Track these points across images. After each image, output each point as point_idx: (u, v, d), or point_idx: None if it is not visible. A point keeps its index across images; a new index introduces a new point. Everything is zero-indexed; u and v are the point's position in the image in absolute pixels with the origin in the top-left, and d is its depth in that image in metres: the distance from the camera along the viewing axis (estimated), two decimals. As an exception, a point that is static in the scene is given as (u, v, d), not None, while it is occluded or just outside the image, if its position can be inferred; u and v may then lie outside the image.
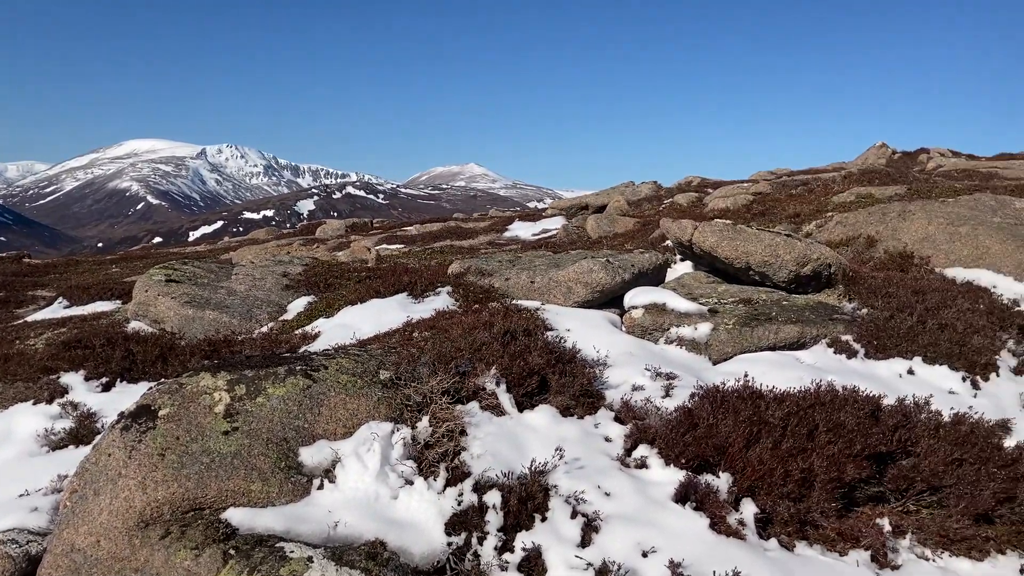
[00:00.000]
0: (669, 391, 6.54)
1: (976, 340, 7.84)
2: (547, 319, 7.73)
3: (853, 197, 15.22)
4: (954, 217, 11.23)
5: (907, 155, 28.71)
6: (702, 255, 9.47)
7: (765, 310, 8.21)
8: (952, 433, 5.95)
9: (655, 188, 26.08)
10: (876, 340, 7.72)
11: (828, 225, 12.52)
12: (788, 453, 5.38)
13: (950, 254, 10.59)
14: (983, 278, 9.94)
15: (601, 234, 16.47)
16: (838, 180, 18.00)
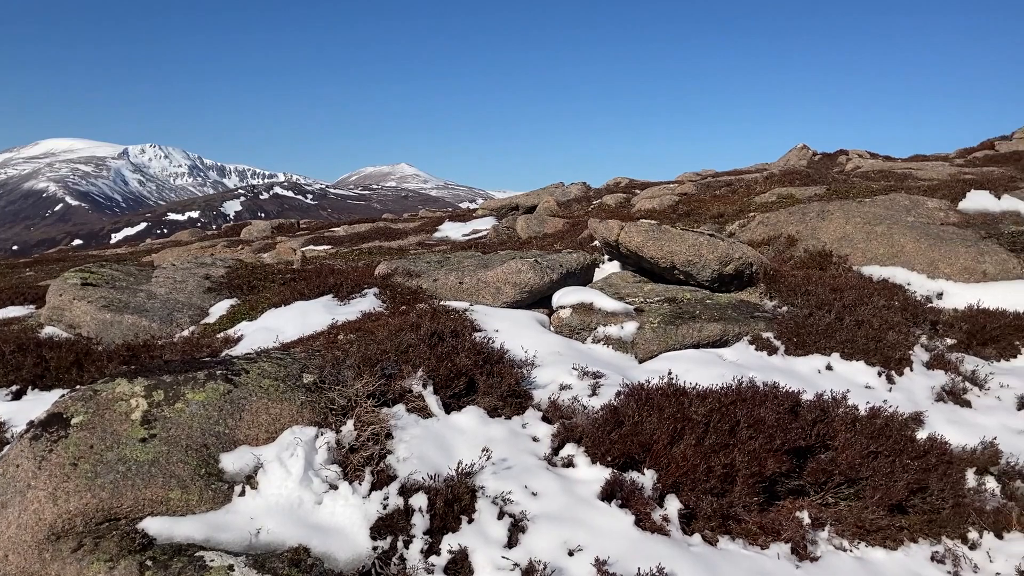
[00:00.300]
0: (596, 390, 6.58)
1: (891, 336, 8.09)
2: (476, 320, 7.72)
3: (775, 197, 15.59)
4: (870, 217, 11.58)
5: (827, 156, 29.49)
6: (629, 255, 9.57)
7: (689, 309, 8.34)
8: (868, 427, 6.13)
9: (584, 189, 26.30)
10: (796, 337, 7.91)
11: (750, 225, 12.79)
12: (711, 449, 5.47)
13: (867, 252, 10.92)
14: (898, 275, 10.27)
15: (531, 234, 16.54)
16: (760, 181, 18.41)
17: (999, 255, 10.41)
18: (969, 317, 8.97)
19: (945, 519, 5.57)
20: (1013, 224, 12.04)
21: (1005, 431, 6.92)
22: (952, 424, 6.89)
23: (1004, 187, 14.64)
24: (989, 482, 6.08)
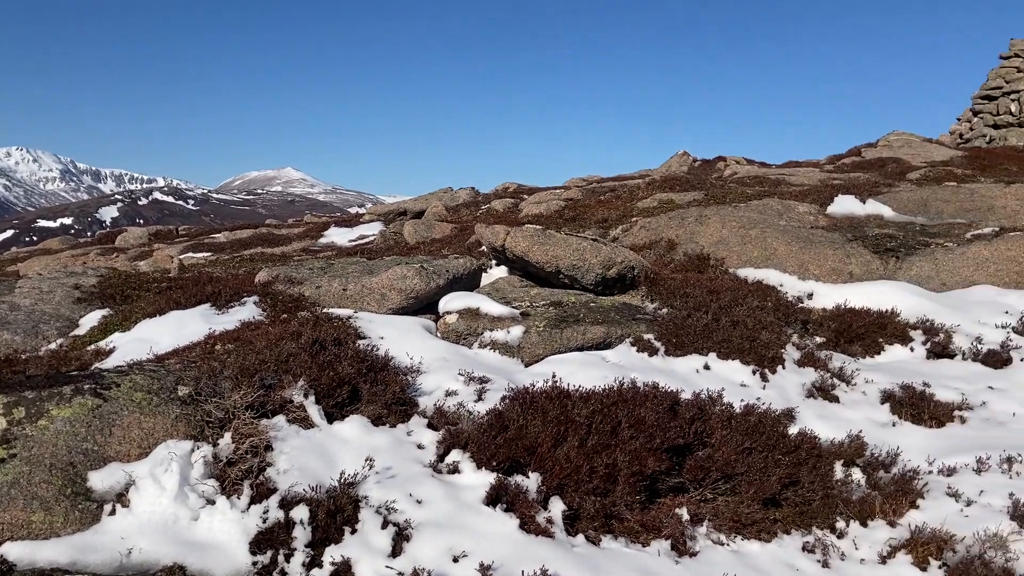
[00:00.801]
0: (482, 395, 6.60)
1: (765, 335, 8.42)
2: (360, 327, 7.62)
3: (656, 203, 16.02)
4: (745, 221, 12.03)
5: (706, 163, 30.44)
6: (515, 260, 9.65)
7: (574, 312, 8.46)
8: (743, 423, 6.35)
9: (473, 194, 26.38)
10: (675, 338, 8.13)
11: (633, 229, 13.10)
12: (594, 450, 5.57)
13: (742, 255, 11.34)
14: (771, 277, 10.69)
15: (419, 240, 16.47)
16: (643, 187, 18.90)
17: (864, 257, 10.99)
18: (837, 316, 9.42)
19: (815, 510, 5.82)
20: (876, 227, 12.72)
21: (870, 424, 7.30)
22: (822, 419, 7.22)
23: (868, 192, 15.46)
24: (855, 473, 6.39)
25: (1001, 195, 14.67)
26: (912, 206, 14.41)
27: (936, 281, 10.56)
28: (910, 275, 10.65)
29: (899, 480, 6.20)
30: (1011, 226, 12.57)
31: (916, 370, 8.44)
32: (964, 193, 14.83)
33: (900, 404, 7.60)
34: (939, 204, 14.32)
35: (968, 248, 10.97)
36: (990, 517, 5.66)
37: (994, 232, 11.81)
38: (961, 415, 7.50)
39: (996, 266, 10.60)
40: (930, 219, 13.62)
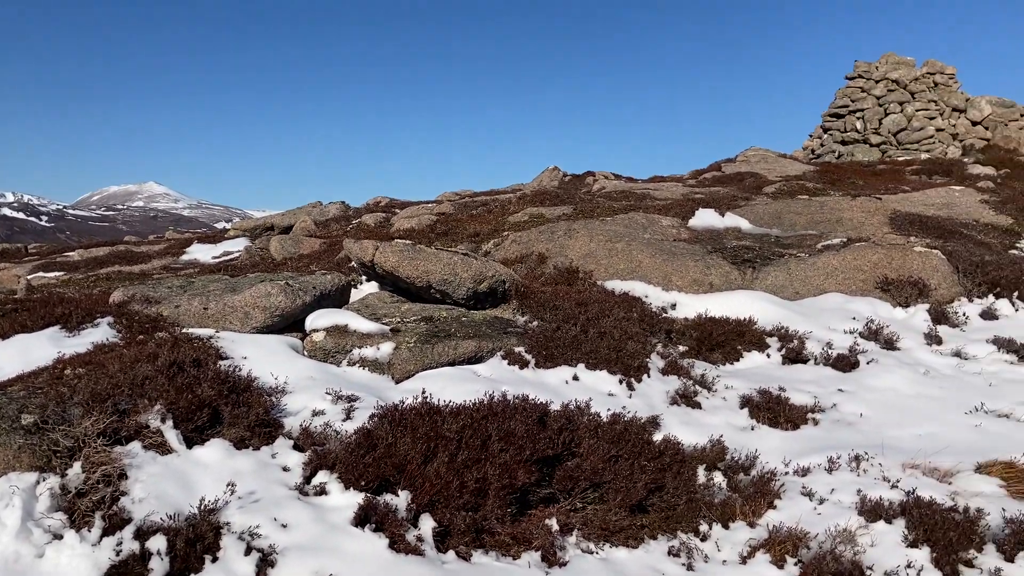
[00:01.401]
0: (350, 414, 6.49)
1: (631, 345, 8.63)
2: (222, 347, 7.37)
3: (527, 217, 16.23)
4: (612, 235, 12.34)
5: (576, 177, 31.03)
6: (385, 275, 9.56)
7: (445, 327, 8.45)
8: (610, 432, 6.48)
9: (343, 208, 26.00)
10: (545, 350, 8.23)
11: (504, 244, 13.22)
12: (464, 465, 5.56)
13: (609, 268, 11.61)
14: (637, 288, 10.99)
15: (286, 255, 16.09)
16: (514, 201, 19.11)
17: (723, 267, 11.45)
18: (699, 325, 9.77)
19: (680, 515, 5.99)
20: (735, 239, 13.28)
21: (730, 428, 7.58)
22: (685, 425, 7.46)
23: (727, 206, 16.14)
24: (717, 477, 6.62)
25: (848, 208, 15.60)
26: (767, 219, 15.14)
27: (790, 290, 11.10)
28: (766, 284, 11.17)
29: (758, 482, 6.46)
30: (857, 237, 13.37)
31: (773, 375, 8.83)
32: (815, 206, 15.70)
33: (758, 408, 7.93)
34: (792, 217, 15.11)
35: (818, 258, 11.60)
36: (840, 513, 5.97)
37: (842, 243, 12.52)
38: (814, 417, 7.89)
39: (844, 275, 11.24)
40: (784, 231, 14.33)
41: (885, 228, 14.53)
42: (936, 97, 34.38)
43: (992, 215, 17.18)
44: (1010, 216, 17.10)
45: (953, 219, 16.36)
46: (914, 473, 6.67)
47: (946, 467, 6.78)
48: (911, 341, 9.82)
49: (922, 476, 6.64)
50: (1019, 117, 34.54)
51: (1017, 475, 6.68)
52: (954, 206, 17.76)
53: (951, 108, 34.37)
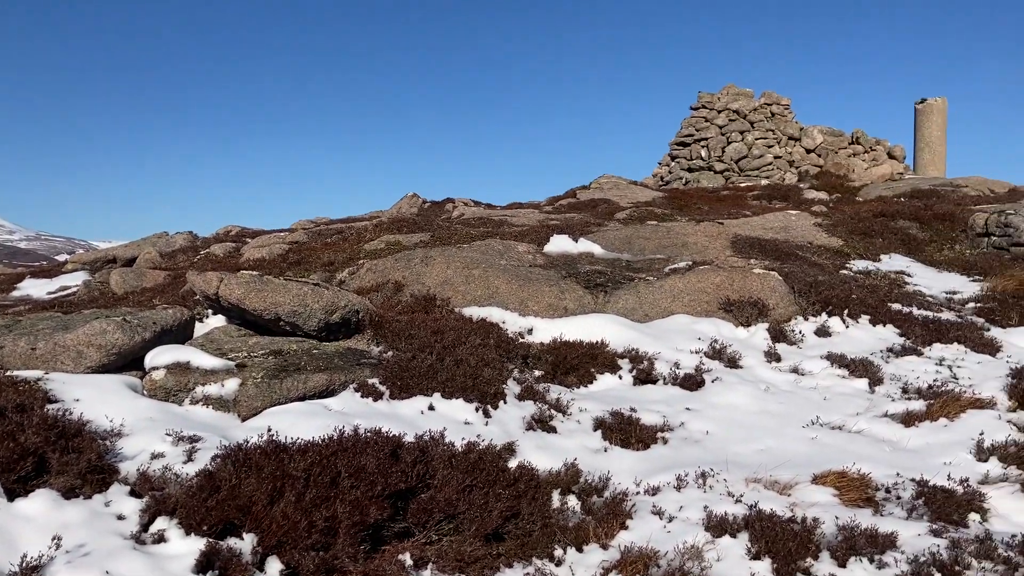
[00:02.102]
0: (192, 455, 6.19)
1: (487, 372, 8.64)
2: (51, 390, 6.89)
3: (384, 244, 16.08)
4: (469, 261, 12.38)
5: (436, 204, 31.07)
6: (231, 308, 9.21)
7: (295, 360, 8.21)
8: (464, 461, 6.44)
9: (191, 239, 25.00)
10: (400, 381, 8.13)
11: (360, 272, 13.03)
12: (312, 504, 5.38)
13: (466, 295, 11.63)
14: (494, 314, 11.04)
15: (128, 289, 15.31)
16: (370, 228, 18.91)
17: (577, 292, 11.68)
18: (554, 349, 9.89)
19: (535, 541, 6.00)
20: (588, 264, 13.58)
21: (584, 451, 7.69)
22: (540, 450, 7.50)
23: (580, 231, 16.51)
24: (571, 500, 6.68)
25: (693, 232, 16.27)
26: (619, 244, 15.58)
27: (640, 312, 11.43)
28: (617, 308, 11.45)
29: (610, 503, 6.56)
30: (702, 260, 13.93)
31: (625, 396, 9.03)
32: (662, 231, 16.28)
33: (611, 430, 8.08)
34: (641, 241, 15.61)
35: (666, 281, 12.00)
36: (689, 530, 6.14)
37: (688, 266, 13.02)
38: (664, 436, 8.10)
39: (689, 296, 11.67)
40: (634, 255, 14.78)
41: (728, 251, 15.22)
42: (773, 126, 36.48)
43: (825, 237, 18.29)
44: (840, 238, 18.26)
45: (790, 242, 17.32)
46: (756, 487, 6.95)
47: (785, 480, 7.10)
48: (752, 359, 10.27)
49: (764, 490, 6.92)
50: (847, 145, 37.10)
51: (849, 484, 7.06)
52: (791, 229, 18.81)
53: (787, 137, 36.54)
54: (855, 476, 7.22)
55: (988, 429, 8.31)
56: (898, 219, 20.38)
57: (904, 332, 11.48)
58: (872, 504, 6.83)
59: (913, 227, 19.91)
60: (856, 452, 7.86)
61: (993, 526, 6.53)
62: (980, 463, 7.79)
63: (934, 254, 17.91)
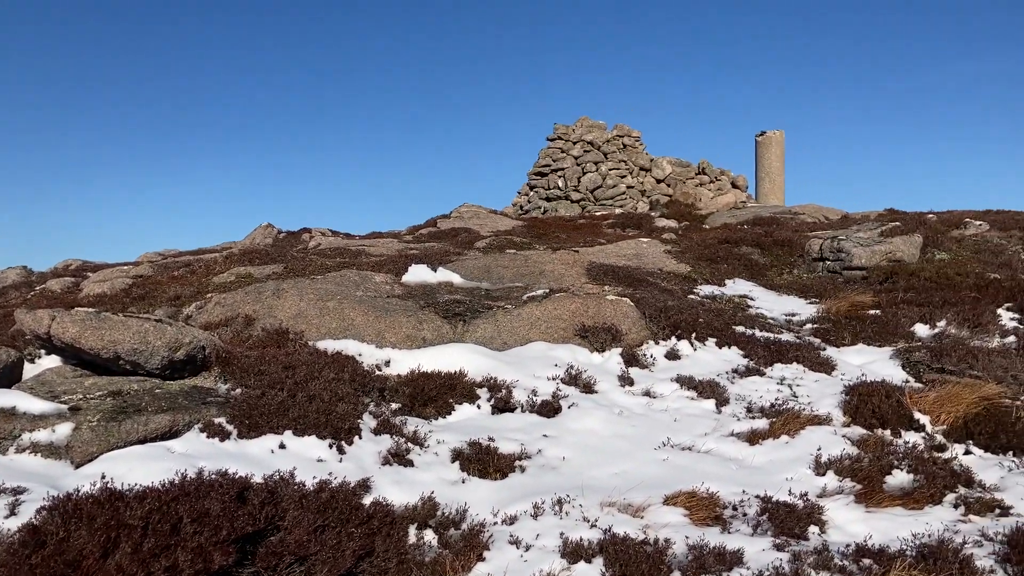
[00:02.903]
0: (16, 508, 5.75)
1: (341, 407, 8.44)
2: None
3: (233, 277, 15.55)
4: (323, 293, 12.12)
5: (292, 235, 30.43)
6: (65, 347, 8.66)
7: (136, 401, 7.78)
8: (316, 501, 6.24)
9: (25, 274, 23.42)
10: (248, 419, 7.83)
11: (208, 306, 12.53)
12: (151, 553, 5.08)
13: (321, 327, 11.37)
14: (350, 347, 10.82)
15: (-49, 330, 14.12)
16: (220, 260, 18.26)
17: (435, 322, 11.63)
18: (411, 381, 9.78)
19: (391, 578, 5.87)
20: (447, 293, 13.56)
21: (442, 484, 7.61)
22: (396, 485, 7.37)
23: (439, 260, 16.51)
24: (428, 534, 6.58)
25: (550, 260, 16.55)
26: (478, 272, 15.66)
27: (499, 341, 11.48)
28: (476, 337, 11.47)
29: (468, 535, 6.51)
30: (558, 287, 14.17)
31: (483, 425, 9.01)
32: (520, 259, 16.48)
33: (469, 461, 8.04)
34: (500, 270, 15.74)
35: (523, 309, 12.13)
36: (545, 558, 6.17)
37: (545, 294, 13.20)
38: (521, 464, 8.12)
39: (546, 324, 11.83)
40: (493, 284, 14.87)
41: (583, 278, 15.56)
42: (626, 157, 37.75)
43: (674, 264, 18.99)
44: (688, 264, 19.01)
45: (642, 268, 17.88)
46: (611, 511, 7.06)
47: (639, 502, 7.24)
48: (607, 383, 10.48)
49: (618, 513, 7.04)
50: (694, 175, 38.82)
51: (698, 503, 7.28)
52: (643, 256, 19.44)
53: (639, 167, 37.89)
54: (704, 495, 7.46)
55: (825, 444, 8.78)
56: (741, 245, 21.41)
57: (748, 353, 12.00)
58: (720, 522, 7.07)
59: (755, 253, 20.97)
60: (705, 471, 8.12)
61: (830, 537, 6.89)
62: (818, 477, 8.21)
63: (775, 278, 18.90)
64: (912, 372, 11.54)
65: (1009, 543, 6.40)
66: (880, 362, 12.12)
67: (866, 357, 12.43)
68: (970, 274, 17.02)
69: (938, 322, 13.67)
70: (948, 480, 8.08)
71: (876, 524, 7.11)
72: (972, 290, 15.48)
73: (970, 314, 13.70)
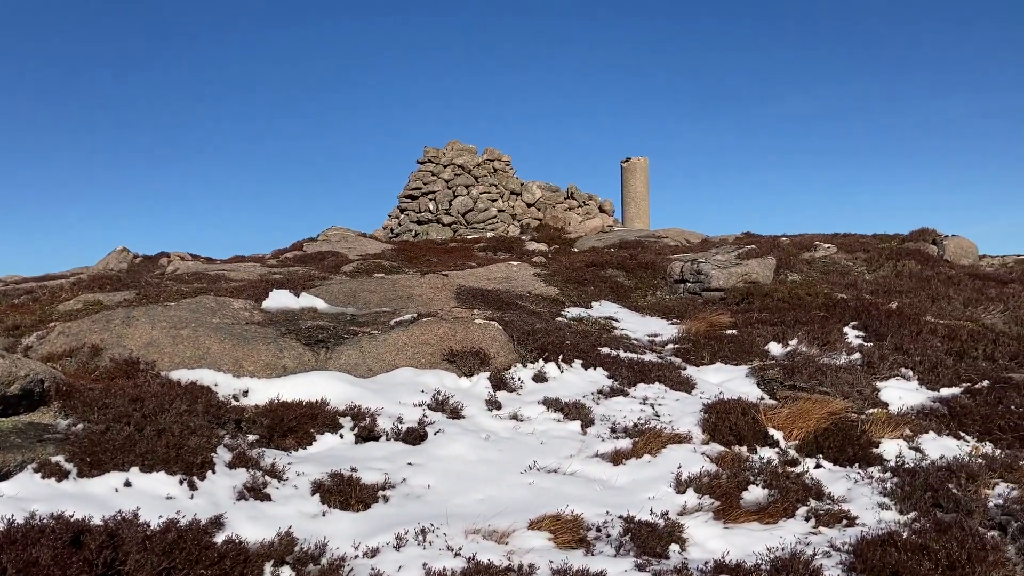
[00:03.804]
0: None
1: (194, 441, 8.03)
2: None
3: (81, 304, 14.68)
4: (177, 320, 11.56)
5: (149, 259, 29.17)
6: None
7: (-40, 441, 7.15)
8: (161, 542, 5.87)
9: None
10: (91, 456, 7.32)
11: (50, 336, 11.75)
12: (-32, 611, 4.63)
13: (174, 357, 10.83)
14: (205, 377, 10.35)
15: None
16: (67, 287, 17.21)
17: (296, 350, 11.27)
18: (270, 411, 9.41)
19: (243, 621, 5.57)
20: (311, 319, 13.20)
21: (301, 517, 7.32)
22: (252, 520, 7.04)
23: (302, 285, 16.09)
24: (285, 572, 6.31)
25: (418, 284, 16.40)
26: (343, 297, 15.34)
27: (364, 368, 11.24)
28: (340, 364, 11.18)
29: (327, 571, 6.28)
30: (427, 312, 14.03)
31: (346, 456, 8.76)
32: (388, 284, 16.26)
33: (330, 492, 7.77)
34: (367, 295, 15.47)
35: (390, 335, 11.93)
36: (406, 590, 6.00)
37: (412, 318, 13.04)
38: (384, 494, 7.92)
39: (413, 349, 11.67)
40: (360, 309, 14.60)
41: (452, 302, 15.49)
42: (496, 181, 38.05)
43: (543, 286, 19.19)
44: (557, 287, 19.26)
45: (511, 291, 17.97)
46: (475, 538, 6.96)
47: (504, 528, 7.18)
48: (475, 408, 10.41)
49: (483, 540, 6.95)
50: (563, 200, 39.51)
51: (563, 526, 7.28)
52: (512, 279, 19.56)
53: (510, 191, 38.26)
54: (569, 518, 7.47)
55: (685, 462, 8.98)
56: (608, 268, 21.88)
57: (613, 374, 12.20)
58: (585, 544, 7.09)
59: (621, 275, 21.46)
60: (570, 494, 8.15)
61: (691, 555, 7.01)
62: (679, 495, 8.38)
63: (639, 300, 19.39)
64: (767, 389, 12.00)
65: (855, 552, 6.69)
66: (737, 380, 12.57)
67: (724, 375, 12.86)
68: (819, 294, 17.94)
69: (790, 340, 14.30)
70: (800, 494, 8.40)
71: (734, 540, 7.29)
72: (821, 309, 16.30)
73: (819, 332, 14.41)
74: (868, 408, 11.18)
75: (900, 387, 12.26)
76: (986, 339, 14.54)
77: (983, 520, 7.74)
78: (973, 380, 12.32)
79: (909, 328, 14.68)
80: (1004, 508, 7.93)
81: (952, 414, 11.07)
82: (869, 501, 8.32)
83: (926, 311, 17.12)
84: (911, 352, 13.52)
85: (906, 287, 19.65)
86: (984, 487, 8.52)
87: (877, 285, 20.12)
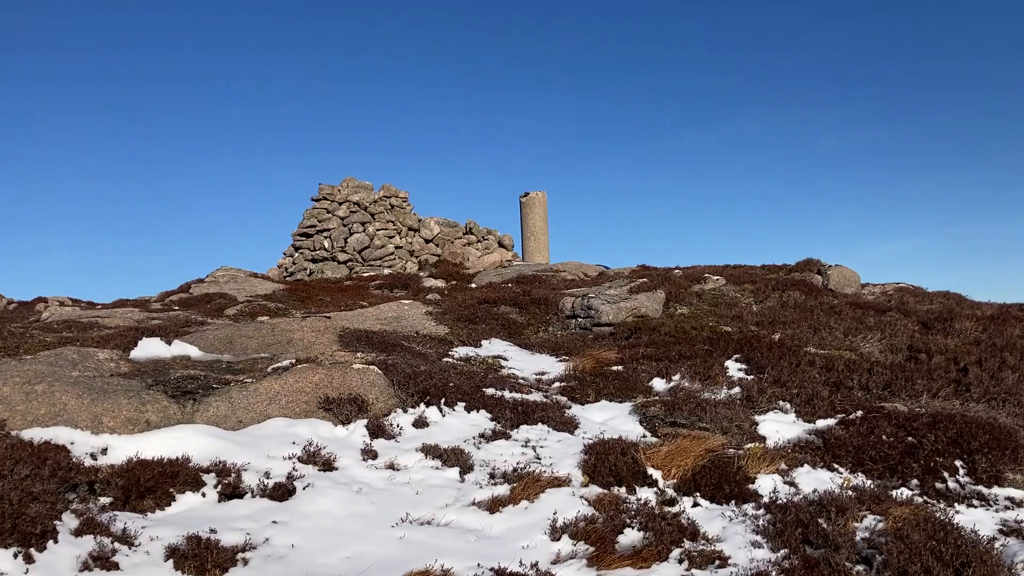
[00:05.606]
0: None
1: (35, 508, 7.47)
2: None
3: (-71, 359, 13.70)
4: (32, 375, 10.88)
5: (24, 305, 27.84)
6: None
7: None
8: (-24, 629, 5.38)
9: None
10: (-91, 533, 6.72)
11: None
12: None
13: (27, 414, 10.16)
14: (61, 435, 9.72)
15: None
16: (-83, 341, 16.09)
17: (161, 403, 10.72)
18: (127, 471, 8.88)
19: None
20: (182, 368, 12.64)
21: (150, 587, 6.87)
22: (92, 595, 6.56)
23: (177, 332, 15.45)
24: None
25: (299, 328, 15.95)
26: (219, 344, 14.77)
27: (233, 419, 10.77)
28: (207, 416, 10.69)
29: (168, 648, 5.86)
30: (307, 357, 13.61)
31: (207, 516, 8.32)
32: (267, 328, 15.75)
33: (184, 557, 7.34)
34: (244, 340, 14.94)
35: (262, 383, 11.49)
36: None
37: (290, 364, 12.63)
38: (244, 557, 7.53)
39: (287, 398, 11.27)
40: (236, 356, 14.08)
41: (335, 346, 15.09)
42: (393, 218, 37.78)
43: (434, 326, 18.96)
44: (447, 326, 19.05)
45: (399, 332, 17.68)
46: (332, 602, 6.65)
47: (366, 589, 6.89)
48: (349, 459, 10.07)
49: (341, 604, 6.65)
50: (462, 235, 39.50)
51: (429, 584, 7.04)
52: (403, 319, 19.27)
53: (407, 227, 38.03)
54: (438, 574, 7.24)
55: (562, 507, 8.85)
56: (501, 305, 21.81)
57: (496, 416, 12.03)
58: (451, 602, 6.86)
59: (514, 312, 21.41)
60: (442, 547, 7.92)
61: (558, 606, 6.85)
62: (554, 543, 8.24)
63: (531, 336, 19.35)
64: (648, 427, 12.04)
65: (721, 596, 6.65)
66: (621, 418, 12.58)
67: (608, 413, 12.86)
68: (705, 328, 18.24)
69: (674, 376, 14.44)
70: (675, 535, 8.37)
71: (604, 588, 7.18)
72: (706, 343, 16.53)
73: (702, 367, 14.59)
74: (746, 443, 11.30)
75: (778, 420, 12.48)
76: (861, 369, 14.99)
77: (850, 555, 7.85)
78: (847, 411, 12.63)
79: (789, 360, 15.01)
80: (871, 541, 8.06)
81: (827, 446, 11.30)
82: (743, 540, 8.35)
83: (808, 341, 17.58)
84: (789, 384, 13.81)
85: (790, 318, 20.18)
86: (852, 520, 8.66)
87: (763, 316, 20.61)
